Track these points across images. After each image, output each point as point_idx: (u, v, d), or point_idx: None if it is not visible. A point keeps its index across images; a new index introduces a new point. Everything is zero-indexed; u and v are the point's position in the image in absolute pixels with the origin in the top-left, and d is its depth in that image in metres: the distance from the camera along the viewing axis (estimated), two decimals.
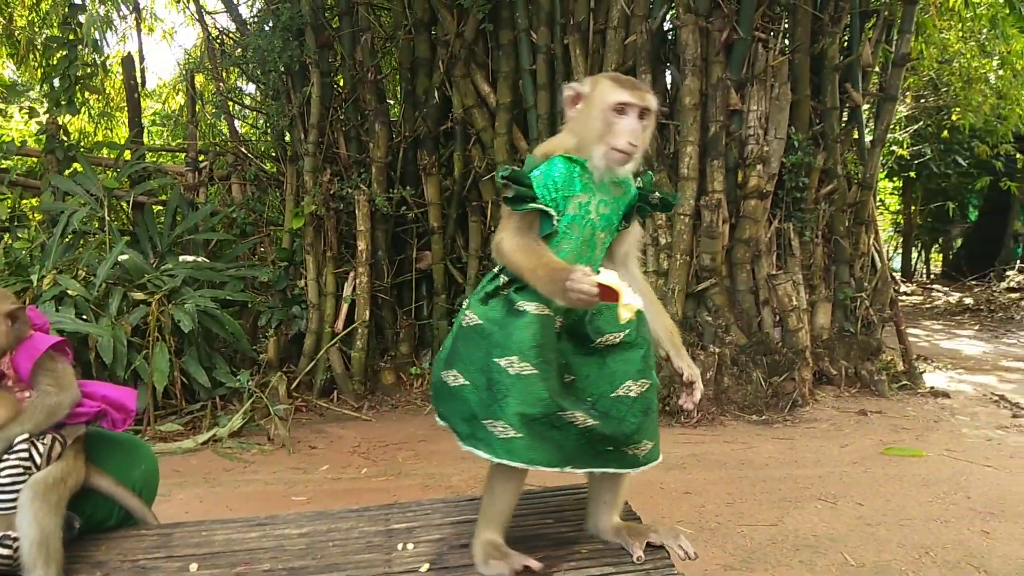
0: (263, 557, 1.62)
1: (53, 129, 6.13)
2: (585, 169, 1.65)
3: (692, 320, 5.33)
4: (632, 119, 1.59)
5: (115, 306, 4.79)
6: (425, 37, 6.19)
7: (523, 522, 1.77)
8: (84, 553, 1.66)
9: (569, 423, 1.54)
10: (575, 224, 1.65)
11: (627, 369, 1.61)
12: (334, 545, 1.67)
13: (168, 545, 1.68)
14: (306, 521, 1.80)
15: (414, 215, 6.14)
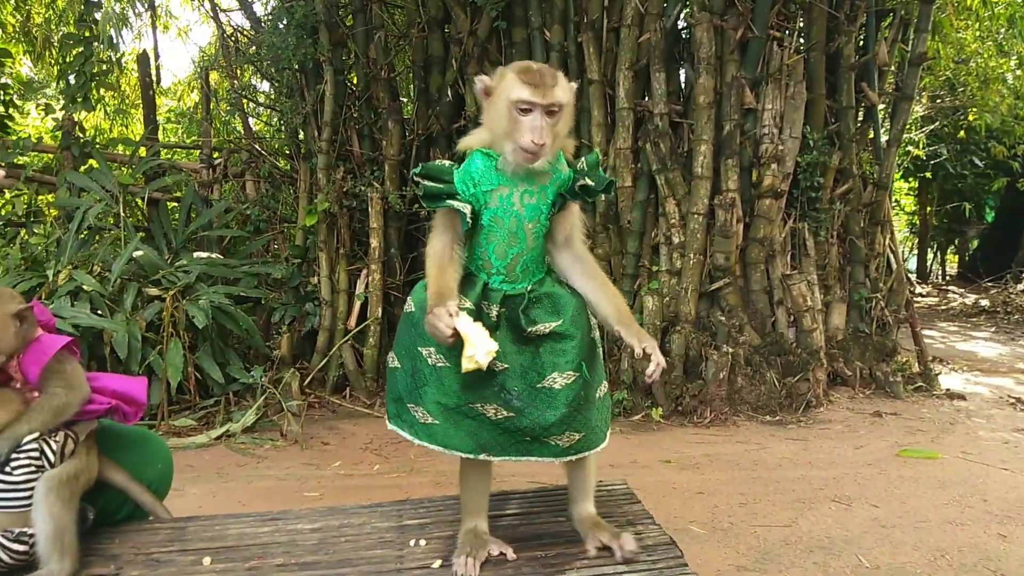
0: (276, 551, 1.62)
1: (69, 126, 6.18)
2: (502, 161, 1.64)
3: (705, 320, 5.30)
4: (536, 116, 1.55)
5: (130, 302, 4.82)
6: (438, 35, 6.18)
7: (535, 519, 1.76)
8: (98, 546, 1.66)
9: (480, 414, 1.58)
10: (499, 217, 1.63)
11: (555, 360, 1.60)
12: (346, 540, 1.67)
13: (182, 539, 1.69)
14: (319, 516, 1.80)
15: (426, 213, 6.13)
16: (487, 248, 1.64)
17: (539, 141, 1.55)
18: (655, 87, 5.44)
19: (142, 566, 1.58)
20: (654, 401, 4.99)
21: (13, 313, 1.46)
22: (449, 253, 1.63)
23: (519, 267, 1.65)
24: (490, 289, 1.64)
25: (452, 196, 1.62)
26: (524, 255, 1.65)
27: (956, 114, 11.32)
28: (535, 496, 1.92)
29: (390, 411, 1.69)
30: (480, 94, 1.66)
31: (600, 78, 5.65)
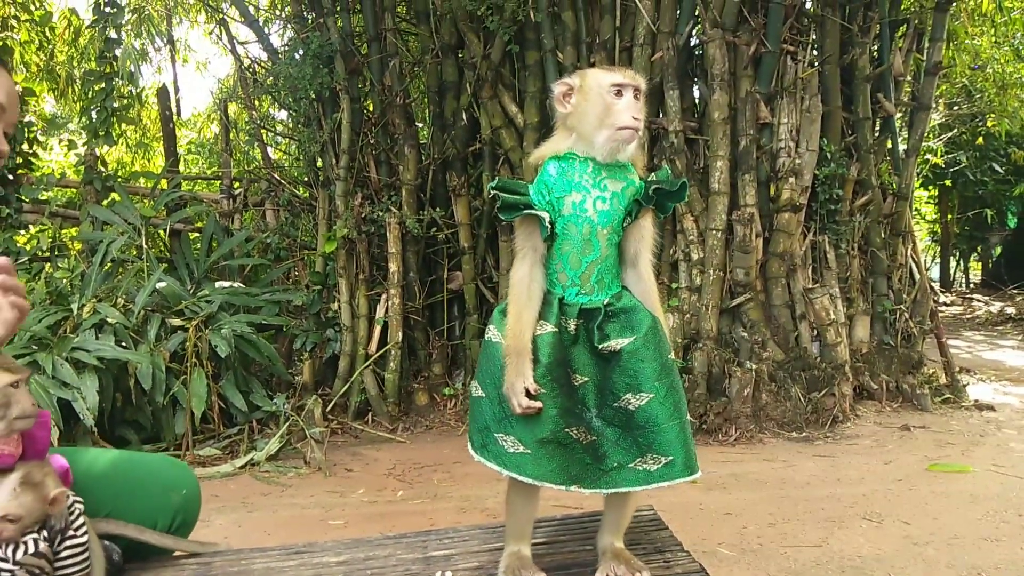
0: None
1: (91, 160, 6.29)
2: (576, 166, 1.64)
3: (727, 336, 5.27)
4: (630, 97, 1.62)
5: (153, 332, 4.87)
6: (452, 60, 6.24)
7: (562, 548, 1.75)
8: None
9: (576, 440, 1.57)
10: (572, 223, 1.63)
11: (628, 381, 1.57)
12: (372, 573, 1.66)
13: (209, 575, 1.68)
14: (343, 549, 1.80)
15: (444, 236, 6.16)
16: (561, 259, 1.63)
17: (638, 116, 1.61)
18: (669, 104, 5.45)
19: None
20: None
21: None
22: (528, 283, 1.63)
23: (594, 277, 1.64)
24: (566, 303, 1.63)
25: (529, 207, 1.62)
26: (598, 264, 1.64)
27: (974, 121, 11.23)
28: (561, 523, 1.91)
29: (475, 441, 1.64)
30: (559, 97, 1.69)
31: None
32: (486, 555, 1.74)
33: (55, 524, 1.44)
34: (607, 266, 1.65)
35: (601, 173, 1.64)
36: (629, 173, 1.67)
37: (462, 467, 4.48)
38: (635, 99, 1.62)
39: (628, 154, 1.64)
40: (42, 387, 4.20)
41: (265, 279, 6.30)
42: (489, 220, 6.22)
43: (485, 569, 1.66)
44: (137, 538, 1.71)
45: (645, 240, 1.70)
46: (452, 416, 5.72)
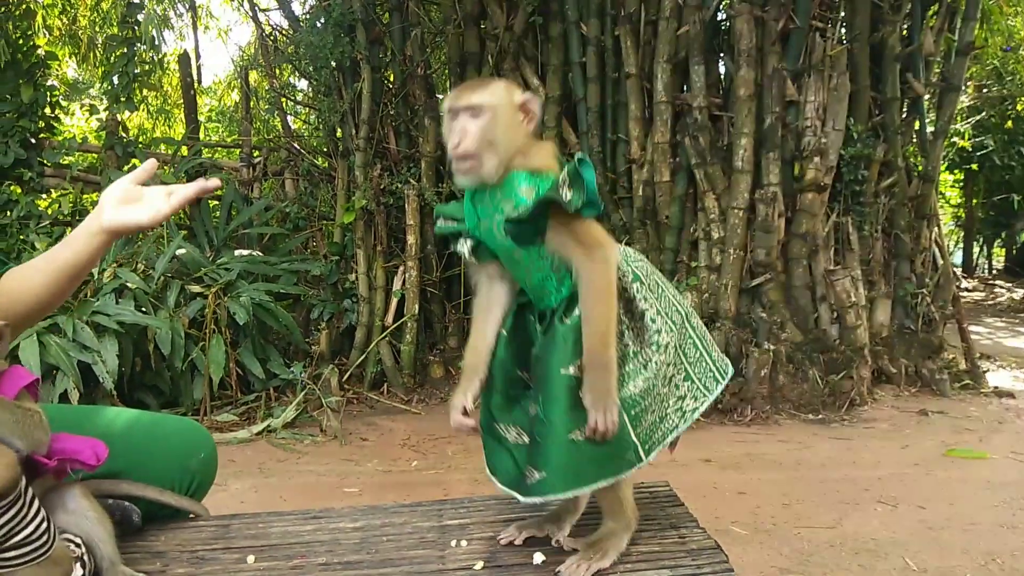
0: (319, 550, 1.62)
1: (113, 126, 6.31)
2: (479, 192, 1.44)
3: (746, 316, 5.23)
4: (458, 121, 1.37)
5: (173, 299, 4.91)
6: (474, 31, 6.18)
7: (579, 520, 1.74)
8: (145, 543, 1.68)
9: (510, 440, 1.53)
10: (491, 248, 1.47)
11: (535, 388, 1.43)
12: (388, 540, 1.67)
13: (226, 536, 1.70)
14: (360, 515, 1.80)
15: None
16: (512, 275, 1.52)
17: (455, 144, 1.36)
18: (694, 80, 5.37)
19: (187, 564, 1.59)
20: None
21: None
22: (483, 307, 1.54)
23: (538, 288, 1.48)
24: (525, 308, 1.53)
25: (459, 234, 1.49)
26: (534, 276, 1.46)
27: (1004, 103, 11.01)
28: None
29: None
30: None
31: (638, 72, 5.59)
32: (501, 525, 1.73)
33: None
34: (545, 275, 1.45)
35: (497, 195, 1.41)
36: (519, 188, 1.40)
37: (476, 440, 4.44)
38: (472, 119, 1.36)
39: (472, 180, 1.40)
40: (62, 349, 4.25)
41: (283, 248, 6.31)
42: None
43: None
44: (157, 499, 1.73)
45: (566, 246, 1.38)
46: None
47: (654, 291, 1.40)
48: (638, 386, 1.36)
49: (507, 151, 1.36)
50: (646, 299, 1.39)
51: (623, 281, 1.39)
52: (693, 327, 1.44)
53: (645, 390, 1.36)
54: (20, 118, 6.16)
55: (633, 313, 1.39)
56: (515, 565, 1.54)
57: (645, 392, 1.36)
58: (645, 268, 1.43)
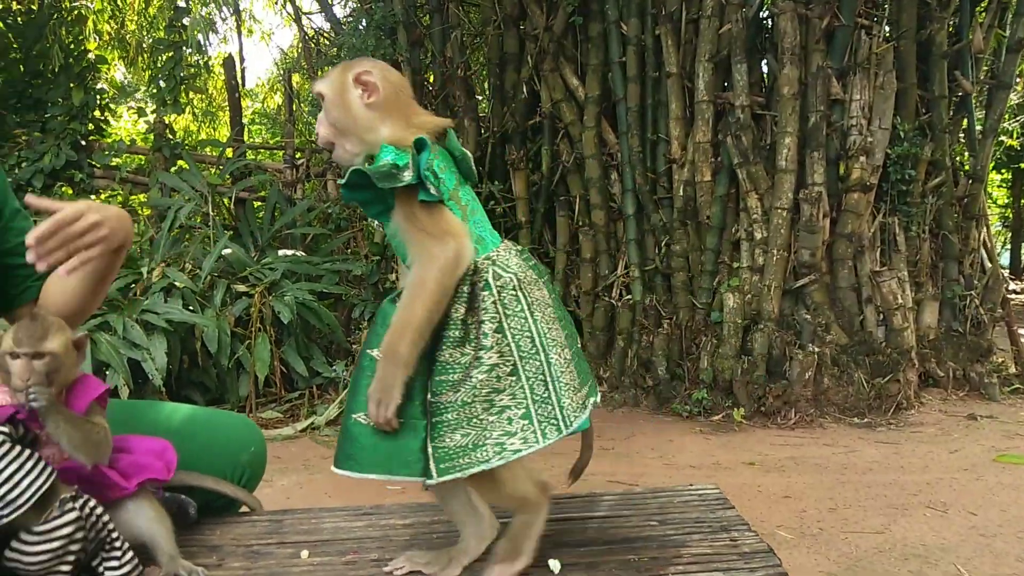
0: (371, 546, 1.64)
1: (160, 128, 6.45)
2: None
3: (790, 318, 5.16)
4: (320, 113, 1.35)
5: (219, 298, 5.00)
6: (514, 32, 6.19)
7: (626, 523, 1.74)
8: (200, 537, 1.71)
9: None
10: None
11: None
12: (438, 537, 1.68)
13: (279, 531, 1.73)
14: (409, 512, 1.82)
15: (502, 210, 6.16)
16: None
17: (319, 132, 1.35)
18: (736, 79, 5.31)
19: (243, 557, 1.62)
20: (735, 401, 4.89)
21: (75, 341, 1.34)
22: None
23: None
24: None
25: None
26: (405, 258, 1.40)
27: None
28: (624, 499, 1.90)
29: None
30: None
31: (678, 71, 5.55)
32: (550, 525, 1.73)
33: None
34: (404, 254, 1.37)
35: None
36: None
37: None
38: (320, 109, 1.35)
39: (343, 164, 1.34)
40: (113, 347, 4.36)
41: (326, 248, 6.40)
42: (547, 194, 6.19)
43: (551, 538, 1.66)
44: (215, 489, 1.75)
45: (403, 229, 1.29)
46: None
47: (507, 307, 1.24)
48: (449, 397, 1.24)
49: (356, 131, 1.29)
50: (487, 311, 1.24)
51: (475, 285, 1.26)
52: (549, 363, 1.25)
53: (454, 403, 1.24)
54: (71, 121, 6.33)
55: (472, 323, 1.25)
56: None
57: (454, 405, 1.24)
58: (506, 278, 1.26)
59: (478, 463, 1.23)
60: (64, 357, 1.30)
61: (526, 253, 1.36)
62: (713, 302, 5.35)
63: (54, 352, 1.27)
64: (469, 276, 1.25)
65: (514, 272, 1.27)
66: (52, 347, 1.27)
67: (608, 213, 5.92)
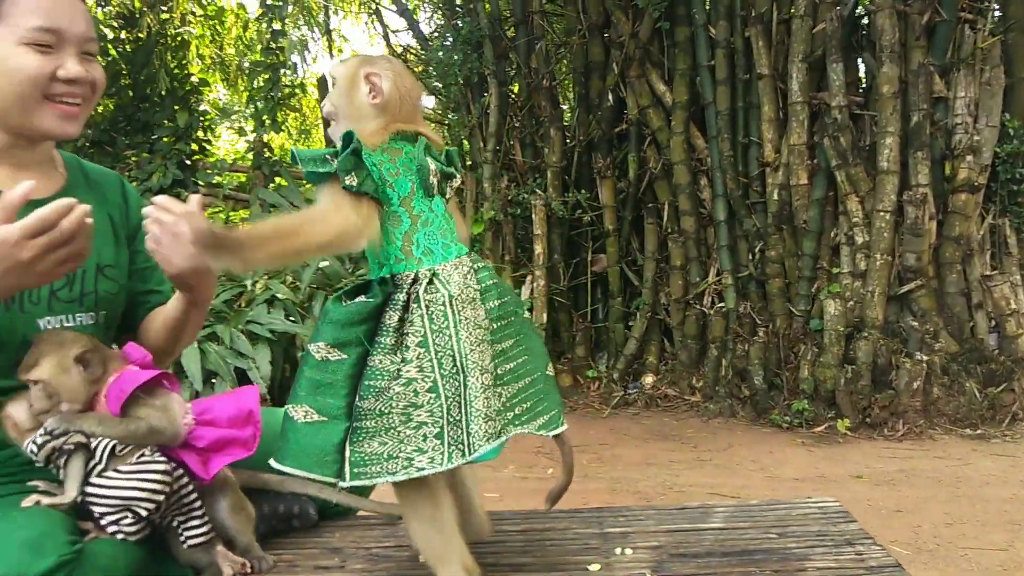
0: (485, 552, 1.65)
1: (259, 147, 6.72)
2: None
3: (895, 325, 4.95)
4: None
5: (318, 308, 5.16)
6: (599, 40, 6.19)
7: (743, 535, 1.70)
8: (321, 539, 1.77)
9: None
10: None
11: None
12: (552, 545, 1.69)
13: (396, 535, 1.76)
14: (521, 519, 1.83)
15: (589, 218, 6.15)
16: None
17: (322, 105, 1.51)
18: (832, 78, 5.16)
19: (363, 560, 1.66)
20: (838, 412, 4.72)
21: (75, 357, 1.36)
22: None
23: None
24: None
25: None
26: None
27: None
28: (736, 509, 1.86)
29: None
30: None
31: (771, 72, 5.43)
32: (664, 536, 1.72)
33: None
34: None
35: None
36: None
37: (609, 449, 4.48)
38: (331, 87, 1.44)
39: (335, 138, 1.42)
40: (220, 356, 4.55)
41: None
42: (634, 202, 6.15)
43: (665, 550, 1.65)
44: (318, 495, 1.78)
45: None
46: (596, 398, 5.72)
47: (435, 322, 1.24)
48: (370, 404, 1.24)
49: (351, 119, 1.34)
50: (414, 323, 1.24)
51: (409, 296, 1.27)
52: (466, 386, 1.23)
53: (374, 410, 1.24)
54: (177, 141, 6.67)
55: (403, 332, 1.25)
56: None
57: (373, 412, 1.24)
58: (441, 294, 1.26)
59: (386, 473, 1.23)
60: (57, 379, 1.33)
61: (484, 271, 1.34)
62: (812, 309, 5.19)
63: (42, 379, 1.33)
64: (406, 286, 1.26)
65: (450, 289, 1.26)
66: (38, 374, 1.33)
67: (698, 219, 5.83)
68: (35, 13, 1.40)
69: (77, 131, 1.53)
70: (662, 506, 1.92)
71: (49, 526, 1.27)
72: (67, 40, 1.44)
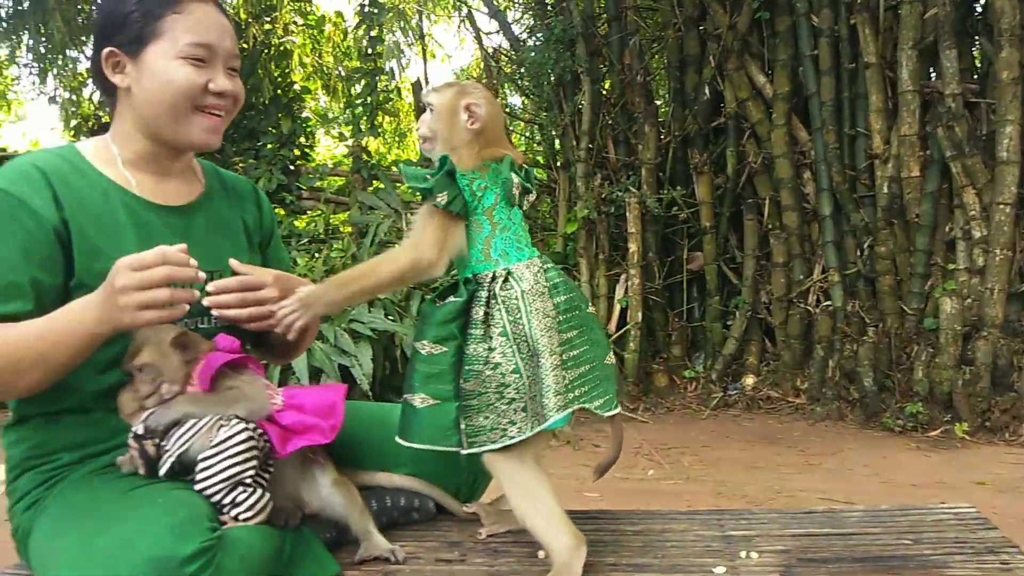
0: (604, 550, 1.65)
1: (358, 151, 6.89)
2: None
3: (1016, 324, 4.66)
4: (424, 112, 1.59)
5: (415, 308, 5.26)
6: (694, 33, 6.08)
7: (876, 540, 1.64)
8: (440, 532, 1.79)
9: None
10: None
11: None
12: (672, 546, 1.66)
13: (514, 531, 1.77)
14: (637, 519, 1.81)
15: (685, 215, 6.04)
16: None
17: (417, 127, 1.63)
18: (945, 65, 4.90)
19: (483, 554, 1.67)
20: (955, 415, 4.48)
21: (171, 342, 1.44)
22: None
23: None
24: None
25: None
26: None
27: None
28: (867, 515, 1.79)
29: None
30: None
31: (878, 60, 5.20)
32: (790, 540, 1.67)
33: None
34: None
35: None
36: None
37: (711, 451, 4.39)
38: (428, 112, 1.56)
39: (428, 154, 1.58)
40: (326, 354, 4.70)
41: None
42: (733, 198, 6.00)
43: (793, 554, 1.60)
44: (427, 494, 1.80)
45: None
46: (693, 399, 5.62)
47: (511, 315, 1.43)
48: (472, 386, 1.43)
49: (449, 143, 1.50)
50: (495, 316, 1.44)
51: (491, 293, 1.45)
52: (540, 366, 1.42)
53: (475, 392, 1.43)
54: (281, 148, 6.92)
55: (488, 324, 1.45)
56: None
57: (475, 393, 1.43)
58: (516, 290, 1.45)
59: (489, 442, 1.43)
60: (160, 361, 1.43)
61: (552, 270, 1.52)
62: (926, 307, 4.95)
63: (146, 363, 1.43)
64: (486, 283, 1.46)
65: (523, 285, 1.45)
66: (142, 360, 1.43)
67: (801, 214, 5.64)
68: (193, 30, 1.51)
69: (218, 142, 1.62)
70: (786, 509, 1.86)
71: (191, 513, 1.33)
72: (217, 56, 1.55)
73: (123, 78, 1.53)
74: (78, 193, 1.49)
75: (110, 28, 1.52)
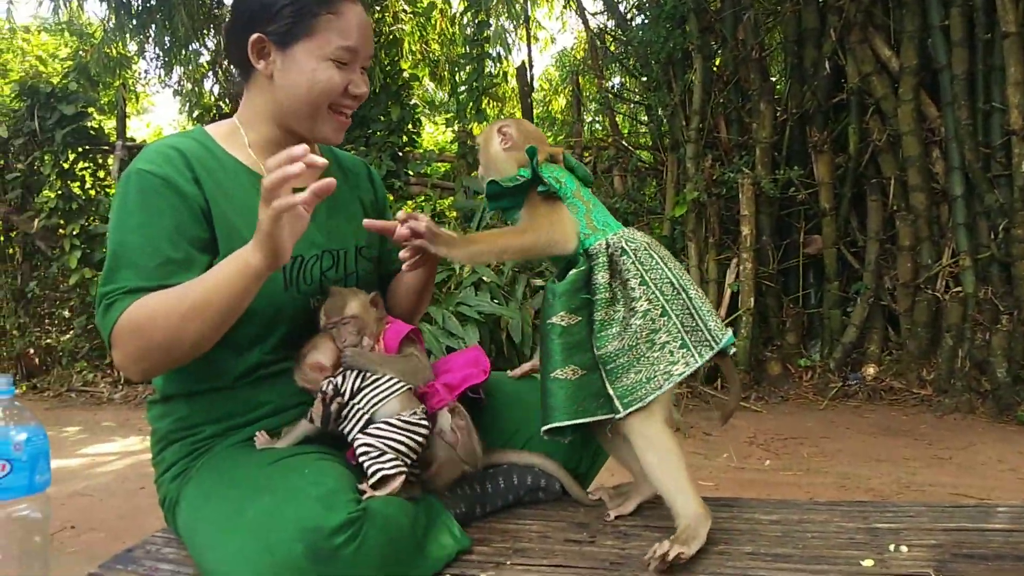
0: (741, 539, 1.59)
1: (463, 137, 6.95)
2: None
3: None
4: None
5: (520, 291, 5.27)
6: (813, 6, 5.80)
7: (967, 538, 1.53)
8: (567, 513, 1.78)
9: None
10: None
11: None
12: (813, 537, 1.59)
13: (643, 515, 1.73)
14: (773, 508, 1.74)
15: (802, 196, 5.79)
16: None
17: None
18: None
19: (612, 537, 1.65)
20: None
21: (370, 300, 1.59)
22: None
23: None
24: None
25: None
26: None
27: None
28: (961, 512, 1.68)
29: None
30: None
31: (1018, 29, 4.82)
32: (942, 535, 1.57)
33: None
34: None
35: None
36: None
37: (830, 443, 4.21)
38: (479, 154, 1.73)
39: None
40: (434, 336, 4.78)
41: None
42: (854, 178, 5.71)
43: (946, 548, 1.50)
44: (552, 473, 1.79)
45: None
46: (809, 389, 5.41)
47: (644, 264, 1.49)
48: (615, 346, 1.47)
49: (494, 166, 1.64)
50: (629, 270, 1.49)
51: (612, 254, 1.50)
52: (690, 298, 1.49)
53: (621, 349, 1.47)
54: (390, 135, 7.05)
55: (621, 281, 1.50)
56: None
57: (621, 351, 1.47)
58: (637, 244, 1.52)
59: (653, 391, 1.46)
60: (364, 315, 1.56)
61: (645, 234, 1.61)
62: None
63: (355, 315, 1.54)
64: (605, 250, 1.50)
65: (641, 240, 1.54)
66: (352, 311, 1.54)
67: (930, 195, 5.32)
68: (345, 34, 1.53)
69: (342, 139, 1.68)
70: (935, 503, 1.75)
71: (337, 483, 1.36)
72: (358, 58, 1.58)
73: (266, 65, 1.56)
74: (214, 175, 1.55)
75: (261, 15, 1.53)
